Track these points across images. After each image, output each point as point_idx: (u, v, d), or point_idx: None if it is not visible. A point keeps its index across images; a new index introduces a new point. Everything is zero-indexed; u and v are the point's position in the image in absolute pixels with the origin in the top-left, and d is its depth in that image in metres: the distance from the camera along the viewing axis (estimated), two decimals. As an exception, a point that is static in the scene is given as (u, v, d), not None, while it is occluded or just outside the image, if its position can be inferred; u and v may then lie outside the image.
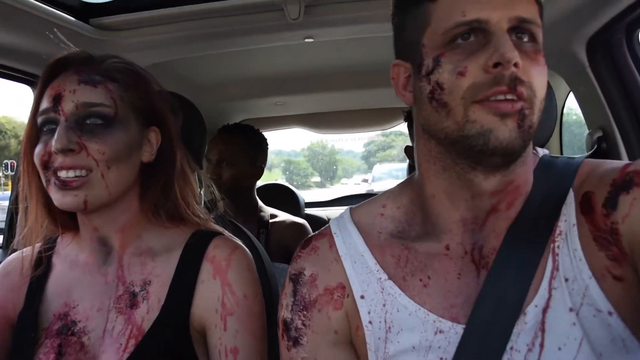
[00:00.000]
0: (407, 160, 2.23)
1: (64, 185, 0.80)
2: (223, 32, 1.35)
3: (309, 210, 2.59)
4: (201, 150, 1.35)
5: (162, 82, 0.93)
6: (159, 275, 0.87)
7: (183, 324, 0.84)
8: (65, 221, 0.92)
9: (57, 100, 0.82)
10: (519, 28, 0.64)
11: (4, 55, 1.24)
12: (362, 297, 0.73)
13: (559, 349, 0.63)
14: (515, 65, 0.61)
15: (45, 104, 0.84)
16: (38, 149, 0.82)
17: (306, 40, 1.40)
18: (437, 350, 0.67)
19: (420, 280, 0.71)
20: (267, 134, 2.03)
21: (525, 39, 0.65)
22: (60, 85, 0.83)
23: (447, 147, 0.68)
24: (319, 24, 1.28)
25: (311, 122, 2.55)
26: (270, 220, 1.99)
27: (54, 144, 0.79)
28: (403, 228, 0.76)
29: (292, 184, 2.56)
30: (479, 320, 0.66)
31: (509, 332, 0.65)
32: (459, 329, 0.67)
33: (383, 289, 0.72)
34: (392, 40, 0.77)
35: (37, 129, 0.84)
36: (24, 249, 0.93)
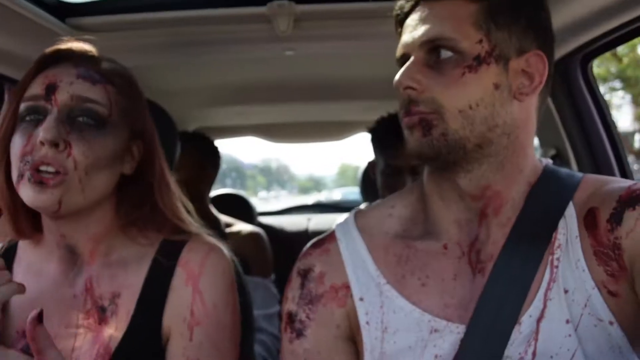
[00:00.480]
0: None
1: (40, 183, 0.75)
2: (205, 41, 1.33)
3: (262, 219, 2.58)
4: (172, 159, 1.32)
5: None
6: (130, 286, 0.83)
7: (154, 337, 0.81)
8: (27, 226, 0.85)
9: (50, 89, 0.78)
10: (434, 47, 0.70)
11: None
12: (361, 299, 0.77)
13: (551, 357, 0.67)
14: (411, 87, 0.70)
15: (35, 90, 0.78)
16: (19, 140, 0.77)
17: (287, 53, 1.41)
18: (433, 348, 0.71)
19: (419, 279, 0.75)
20: None
21: (447, 55, 0.70)
22: (56, 75, 0.79)
23: None
24: (305, 38, 1.30)
25: (268, 132, 2.55)
26: (227, 230, 1.96)
27: (42, 133, 0.75)
28: (408, 227, 0.80)
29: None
30: (477, 328, 0.69)
31: (506, 340, 0.68)
32: (453, 327, 0.71)
33: (381, 292, 0.76)
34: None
35: (16, 117, 0.79)
36: None
